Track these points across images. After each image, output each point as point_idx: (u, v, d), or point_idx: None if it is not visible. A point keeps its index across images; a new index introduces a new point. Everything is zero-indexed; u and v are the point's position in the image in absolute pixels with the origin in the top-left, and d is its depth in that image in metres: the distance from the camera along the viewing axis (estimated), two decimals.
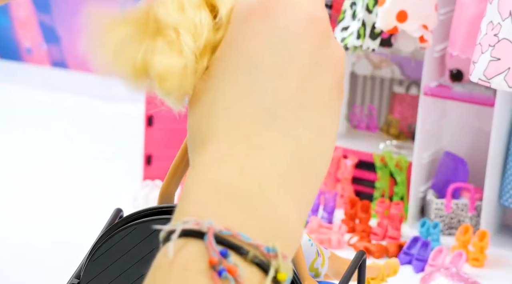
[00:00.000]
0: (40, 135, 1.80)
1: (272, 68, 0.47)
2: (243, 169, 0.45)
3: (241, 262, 0.42)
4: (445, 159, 1.48)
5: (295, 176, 0.46)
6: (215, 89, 0.48)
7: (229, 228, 0.43)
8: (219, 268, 0.41)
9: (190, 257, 0.43)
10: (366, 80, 1.61)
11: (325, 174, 0.49)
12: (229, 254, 0.42)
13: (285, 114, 0.47)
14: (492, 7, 1.19)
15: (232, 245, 0.42)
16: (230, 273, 0.41)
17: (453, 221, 1.44)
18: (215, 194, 0.45)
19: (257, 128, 0.46)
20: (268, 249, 0.43)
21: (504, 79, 1.18)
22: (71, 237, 1.33)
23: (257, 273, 0.43)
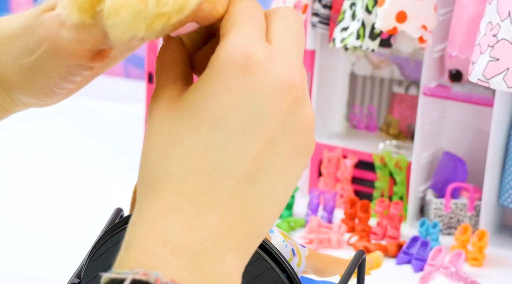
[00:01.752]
0: (40, 135, 1.80)
1: (236, 128, 0.47)
2: (191, 226, 0.46)
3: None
4: (444, 159, 1.48)
5: (239, 234, 0.47)
6: (176, 133, 0.48)
7: (176, 281, 0.44)
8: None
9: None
10: (365, 80, 1.61)
11: (267, 233, 0.49)
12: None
13: (239, 176, 0.47)
14: (491, 8, 1.20)
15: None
16: None
17: (452, 221, 1.44)
18: (163, 246, 0.45)
19: (209, 186, 0.47)
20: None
21: (503, 79, 1.18)
22: (71, 236, 1.34)
23: None
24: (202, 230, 0.46)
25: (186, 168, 0.47)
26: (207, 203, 0.46)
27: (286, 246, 0.81)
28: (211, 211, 0.46)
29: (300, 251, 0.85)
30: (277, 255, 0.72)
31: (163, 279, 0.43)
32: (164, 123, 0.48)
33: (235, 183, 0.47)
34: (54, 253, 1.29)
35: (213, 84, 0.47)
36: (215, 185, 0.46)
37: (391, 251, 1.36)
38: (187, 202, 0.46)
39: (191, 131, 0.47)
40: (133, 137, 1.74)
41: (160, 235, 0.46)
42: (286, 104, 0.48)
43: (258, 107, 0.47)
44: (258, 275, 0.72)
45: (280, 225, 1.42)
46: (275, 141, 0.48)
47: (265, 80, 0.47)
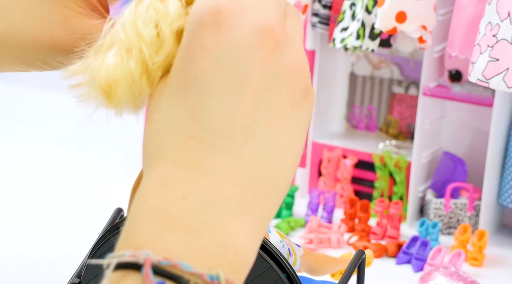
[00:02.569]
0: (41, 135, 1.80)
1: (220, 86, 0.45)
2: (187, 195, 0.43)
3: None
4: (444, 159, 1.49)
5: (243, 197, 0.44)
6: (163, 107, 0.46)
7: (168, 258, 0.41)
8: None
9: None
10: (365, 81, 1.61)
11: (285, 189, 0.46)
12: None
13: (233, 134, 0.45)
14: (491, 8, 1.20)
15: (171, 275, 0.41)
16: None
17: (452, 221, 1.44)
18: (157, 222, 0.43)
19: (203, 150, 0.44)
20: (211, 278, 0.41)
21: (502, 79, 1.19)
22: (71, 236, 1.34)
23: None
24: (200, 197, 0.43)
25: (177, 138, 0.45)
26: (202, 169, 0.44)
27: (283, 246, 0.80)
28: (207, 176, 0.44)
29: (296, 250, 0.84)
30: (277, 255, 0.72)
31: (154, 258, 0.41)
32: (156, 102, 0.48)
33: (229, 142, 0.44)
34: (54, 253, 1.29)
35: (189, 49, 0.46)
36: (208, 149, 0.44)
37: (390, 251, 1.36)
38: (181, 171, 0.44)
39: (177, 100, 0.46)
40: (134, 137, 1.74)
41: (154, 210, 0.43)
42: (266, 50, 0.45)
43: (237, 61, 0.45)
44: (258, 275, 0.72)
45: (280, 225, 1.43)
46: (264, 92, 0.46)
47: (238, 31, 0.45)
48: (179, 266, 0.41)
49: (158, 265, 0.41)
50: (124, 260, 0.42)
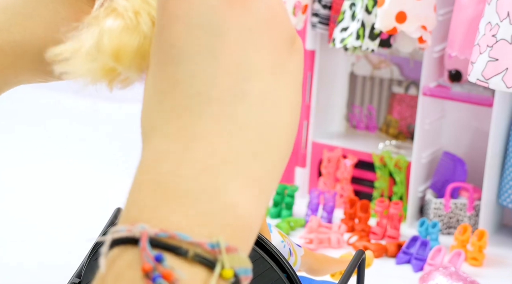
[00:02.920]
0: (41, 136, 1.80)
1: (197, 50, 0.43)
2: (180, 165, 0.42)
3: (180, 264, 0.39)
4: (444, 159, 1.49)
5: (240, 160, 0.42)
6: (148, 83, 0.45)
7: (165, 229, 0.39)
8: (153, 274, 0.38)
9: (124, 267, 0.40)
10: (365, 81, 1.62)
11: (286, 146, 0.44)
12: (164, 258, 0.39)
13: (219, 96, 0.43)
14: (490, 8, 1.20)
15: (169, 247, 0.39)
16: (165, 278, 0.38)
17: (452, 221, 1.45)
18: (152, 195, 0.41)
19: (192, 118, 0.43)
20: (212, 245, 0.40)
21: (502, 79, 1.19)
22: (71, 236, 1.34)
23: (202, 273, 0.40)
24: (192, 166, 0.42)
25: (164, 111, 0.44)
26: (193, 137, 0.42)
27: (284, 246, 0.80)
28: (199, 143, 0.42)
29: (296, 250, 0.84)
30: (277, 255, 0.72)
31: (150, 230, 0.40)
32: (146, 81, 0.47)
33: (217, 105, 0.43)
34: (54, 253, 1.29)
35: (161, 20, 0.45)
36: (197, 116, 0.43)
37: (390, 251, 1.36)
38: (172, 143, 0.43)
39: (159, 74, 0.45)
40: (134, 137, 1.74)
41: (150, 185, 0.42)
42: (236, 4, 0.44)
43: (209, 21, 0.44)
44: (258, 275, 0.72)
45: (280, 225, 1.43)
46: (244, 46, 0.44)
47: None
48: (177, 236, 0.40)
49: (155, 237, 0.40)
50: (120, 235, 0.41)
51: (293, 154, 1.60)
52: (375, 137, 1.61)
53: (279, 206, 1.50)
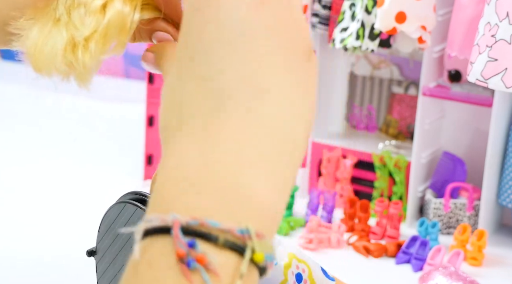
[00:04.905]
0: (42, 136, 1.81)
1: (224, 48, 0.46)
2: (206, 164, 0.44)
3: (212, 249, 0.41)
4: (444, 159, 1.49)
5: (263, 155, 0.45)
6: (172, 81, 0.47)
7: (196, 217, 0.41)
8: (187, 259, 0.40)
9: (158, 254, 0.42)
10: (365, 81, 1.62)
11: (303, 143, 0.47)
12: (197, 244, 0.41)
13: (241, 94, 0.45)
14: (490, 8, 1.20)
15: (200, 234, 0.41)
16: (199, 262, 0.40)
17: (452, 221, 1.45)
18: (181, 189, 0.44)
19: (215, 114, 0.45)
20: (241, 231, 0.42)
21: (501, 79, 1.19)
22: (71, 236, 1.34)
23: (232, 257, 0.41)
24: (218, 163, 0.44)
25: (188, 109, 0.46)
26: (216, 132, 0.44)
27: (275, 264, 0.74)
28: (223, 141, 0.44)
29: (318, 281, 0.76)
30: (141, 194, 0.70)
31: (182, 219, 0.42)
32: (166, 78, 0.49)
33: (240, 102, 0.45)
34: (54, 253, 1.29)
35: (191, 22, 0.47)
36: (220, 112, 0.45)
37: (390, 250, 1.36)
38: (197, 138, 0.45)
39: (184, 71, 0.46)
40: (134, 137, 1.74)
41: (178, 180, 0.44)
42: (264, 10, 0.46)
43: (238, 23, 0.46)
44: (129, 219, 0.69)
45: (280, 225, 1.43)
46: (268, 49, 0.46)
47: None
48: (207, 224, 0.41)
49: (187, 225, 0.41)
50: (153, 225, 0.42)
51: None
52: (375, 137, 1.61)
53: None
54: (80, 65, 0.54)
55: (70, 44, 0.53)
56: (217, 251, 0.41)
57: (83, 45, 0.53)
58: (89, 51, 0.53)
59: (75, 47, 0.53)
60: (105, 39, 0.52)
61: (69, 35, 0.53)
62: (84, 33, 0.53)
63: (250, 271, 0.42)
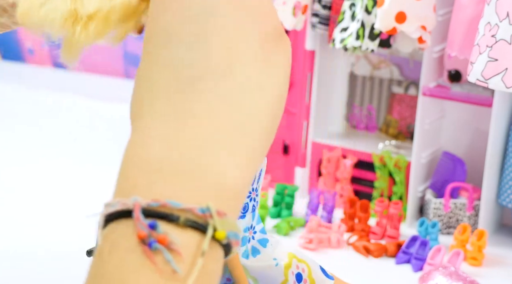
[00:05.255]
0: (42, 135, 1.81)
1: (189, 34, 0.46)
2: (170, 143, 0.44)
3: (174, 229, 0.41)
4: (444, 159, 1.49)
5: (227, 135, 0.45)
6: (140, 67, 0.48)
7: (157, 199, 0.42)
8: (149, 240, 0.40)
9: (120, 237, 0.42)
10: (365, 81, 1.62)
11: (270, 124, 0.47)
12: (158, 225, 0.41)
13: (208, 77, 0.45)
14: (490, 8, 1.20)
15: (162, 215, 0.41)
16: (160, 242, 0.40)
17: (452, 221, 1.45)
18: (143, 171, 0.44)
19: (181, 98, 0.45)
20: (202, 210, 0.42)
21: (501, 79, 1.19)
22: (71, 236, 1.34)
23: (194, 236, 0.42)
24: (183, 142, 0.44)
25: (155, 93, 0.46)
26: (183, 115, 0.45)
27: (276, 264, 0.74)
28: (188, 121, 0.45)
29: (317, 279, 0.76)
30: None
31: (143, 201, 0.42)
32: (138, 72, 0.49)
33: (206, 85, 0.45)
34: (54, 253, 1.30)
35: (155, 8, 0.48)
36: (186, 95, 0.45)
37: (390, 250, 1.36)
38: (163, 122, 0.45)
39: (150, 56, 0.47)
40: None
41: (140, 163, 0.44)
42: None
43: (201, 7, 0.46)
44: None
45: (280, 225, 1.43)
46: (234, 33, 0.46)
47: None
48: (169, 204, 0.42)
49: (148, 207, 0.42)
50: (115, 209, 0.43)
51: (293, 154, 1.60)
52: (375, 137, 1.61)
53: (279, 206, 1.50)
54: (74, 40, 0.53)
55: (72, 17, 0.53)
56: (178, 231, 0.41)
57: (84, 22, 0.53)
58: (87, 31, 0.53)
59: (76, 21, 0.52)
60: (105, 23, 0.52)
61: (73, 8, 0.52)
62: (89, 10, 0.52)
63: (213, 249, 0.42)
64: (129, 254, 0.41)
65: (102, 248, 0.42)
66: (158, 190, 0.43)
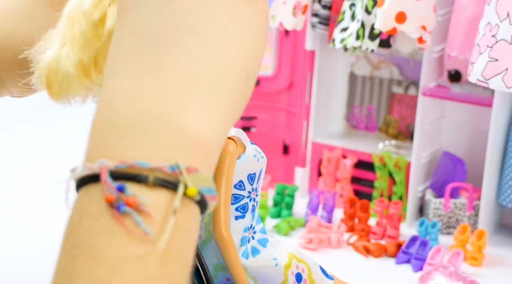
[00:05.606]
0: (42, 135, 1.80)
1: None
2: (132, 98, 0.43)
3: (143, 190, 0.40)
4: (444, 159, 1.49)
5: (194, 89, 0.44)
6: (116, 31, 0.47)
7: (124, 160, 0.41)
8: (118, 203, 0.40)
9: (89, 203, 0.41)
10: (365, 81, 1.62)
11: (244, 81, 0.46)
12: (126, 187, 0.40)
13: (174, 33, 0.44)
14: (490, 8, 1.20)
15: (130, 176, 0.40)
16: (129, 205, 0.39)
17: (451, 221, 1.45)
18: (109, 132, 0.42)
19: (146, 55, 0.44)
20: (171, 168, 0.41)
21: (502, 79, 1.19)
22: None
23: (165, 195, 0.41)
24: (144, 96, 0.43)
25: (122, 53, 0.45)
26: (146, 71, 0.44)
27: (276, 265, 0.74)
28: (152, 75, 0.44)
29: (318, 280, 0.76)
30: None
31: (109, 164, 0.41)
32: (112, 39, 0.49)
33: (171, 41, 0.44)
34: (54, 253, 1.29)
35: None
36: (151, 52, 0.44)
37: (390, 250, 1.36)
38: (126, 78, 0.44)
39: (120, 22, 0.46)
40: None
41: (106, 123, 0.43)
42: None
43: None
44: None
45: (280, 225, 1.43)
46: None
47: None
48: (136, 165, 0.41)
49: (115, 169, 0.41)
50: (82, 174, 0.42)
51: (293, 154, 1.60)
52: (375, 137, 1.61)
53: (279, 206, 1.50)
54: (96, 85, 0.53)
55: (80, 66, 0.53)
56: (148, 191, 0.40)
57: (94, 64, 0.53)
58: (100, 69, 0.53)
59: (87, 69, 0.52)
60: None
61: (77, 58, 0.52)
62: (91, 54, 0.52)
63: (186, 206, 0.41)
64: (99, 219, 0.40)
65: (72, 216, 0.43)
66: (125, 150, 0.42)
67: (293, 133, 1.59)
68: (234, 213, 0.73)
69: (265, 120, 1.60)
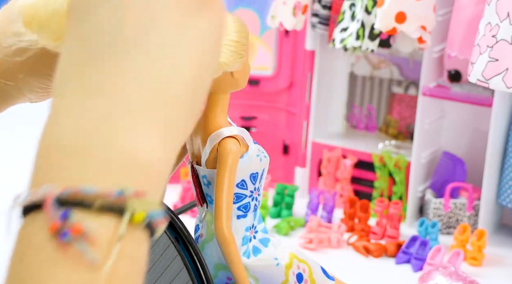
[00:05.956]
0: None
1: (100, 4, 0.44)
2: (77, 120, 0.41)
3: (89, 216, 0.39)
4: (444, 159, 1.49)
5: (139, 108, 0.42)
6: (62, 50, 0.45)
7: (69, 186, 0.39)
8: (63, 231, 0.38)
9: (34, 232, 0.39)
10: (365, 81, 1.62)
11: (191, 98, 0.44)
12: (71, 214, 0.38)
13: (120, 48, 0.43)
14: (490, 9, 1.20)
15: (75, 202, 0.39)
16: (74, 232, 0.38)
17: (451, 221, 1.45)
18: (53, 156, 0.41)
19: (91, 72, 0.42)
20: (119, 193, 0.39)
21: (502, 79, 1.19)
22: None
23: (112, 221, 0.39)
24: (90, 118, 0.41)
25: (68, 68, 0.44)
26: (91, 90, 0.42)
27: (277, 265, 0.74)
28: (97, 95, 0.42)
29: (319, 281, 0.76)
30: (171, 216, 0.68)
31: (55, 190, 0.39)
32: None
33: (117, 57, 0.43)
34: None
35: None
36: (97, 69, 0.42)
37: (390, 250, 1.36)
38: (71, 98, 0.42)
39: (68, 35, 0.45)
40: None
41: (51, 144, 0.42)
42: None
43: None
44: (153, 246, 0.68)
45: (280, 225, 1.43)
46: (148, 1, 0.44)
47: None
48: (82, 191, 0.39)
49: (61, 196, 0.39)
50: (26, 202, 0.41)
51: (293, 154, 1.60)
52: (375, 137, 1.61)
53: (279, 206, 1.50)
54: None
55: None
56: (94, 218, 0.39)
57: None
58: None
59: None
60: None
61: None
62: None
63: (133, 232, 0.40)
64: (44, 248, 0.39)
65: (16, 247, 0.41)
66: (71, 175, 0.40)
67: (293, 133, 1.59)
68: (236, 212, 0.73)
69: (265, 120, 1.61)
